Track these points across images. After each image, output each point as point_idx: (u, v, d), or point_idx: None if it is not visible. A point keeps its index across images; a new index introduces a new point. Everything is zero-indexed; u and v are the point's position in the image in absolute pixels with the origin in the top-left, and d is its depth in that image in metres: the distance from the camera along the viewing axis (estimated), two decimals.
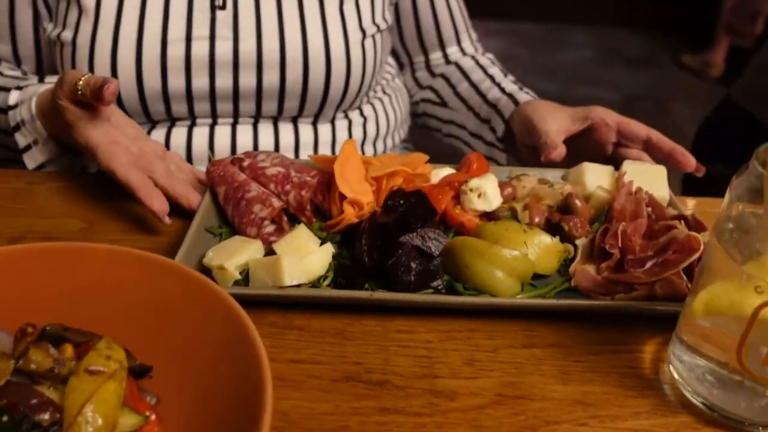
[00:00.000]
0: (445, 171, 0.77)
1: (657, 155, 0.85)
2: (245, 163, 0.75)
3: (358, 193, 0.71)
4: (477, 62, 1.09)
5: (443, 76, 1.10)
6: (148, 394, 0.48)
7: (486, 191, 0.71)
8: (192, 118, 0.91)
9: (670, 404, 0.55)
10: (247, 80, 0.88)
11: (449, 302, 0.62)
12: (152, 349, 0.50)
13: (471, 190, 0.72)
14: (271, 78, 0.88)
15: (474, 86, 1.05)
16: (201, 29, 0.85)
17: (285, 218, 0.71)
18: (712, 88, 3.50)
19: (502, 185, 0.74)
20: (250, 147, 0.92)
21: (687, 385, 0.55)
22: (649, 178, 0.76)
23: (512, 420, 0.53)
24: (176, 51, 0.85)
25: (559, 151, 0.83)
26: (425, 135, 1.20)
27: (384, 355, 0.59)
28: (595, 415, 0.54)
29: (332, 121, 0.96)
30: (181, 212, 0.74)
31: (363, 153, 1.00)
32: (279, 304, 0.63)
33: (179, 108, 0.88)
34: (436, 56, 1.11)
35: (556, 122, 0.87)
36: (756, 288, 0.45)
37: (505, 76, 1.06)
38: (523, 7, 4.28)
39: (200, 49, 0.85)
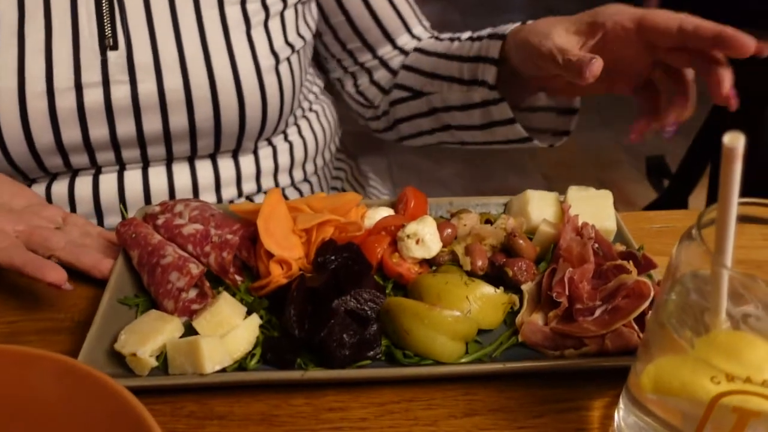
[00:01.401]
0: (381, 212, 0.72)
1: (700, 46, 0.65)
2: (159, 221, 0.68)
3: (286, 249, 0.65)
4: (437, 37, 0.96)
5: (405, 67, 0.96)
6: None
7: (424, 237, 0.66)
8: (96, 167, 0.82)
9: None
10: (152, 125, 0.79)
11: (389, 376, 0.57)
12: None
13: (408, 236, 0.67)
14: (177, 119, 0.80)
15: (445, 56, 0.89)
16: (92, 74, 0.76)
17: (207, 283, 0.64)
18: None
19: (441, 226, 0.69)
20: (165, 190, 0.84)
21: None
22: (595, 206, 0.72)
23: None
24: (66, 101, 0.76)
25: (597, 64, 0.64)
26: (360, 137, 1.10)
27: None
28: None
29: (255, 152, 0.89)
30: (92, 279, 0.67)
31: (292, 179, 0.93)
32: (199, 390, 0.57)
33: (79, 160, 0.80)
34: (386, 50, 0.98)
35: (561, 39, 0.69)
36: (712, 379, 0.41)
37: (470, 34, 0.90)
38: None
39: (94, 96, 0.77)
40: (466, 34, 0.91)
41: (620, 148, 2.79)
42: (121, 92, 0.77)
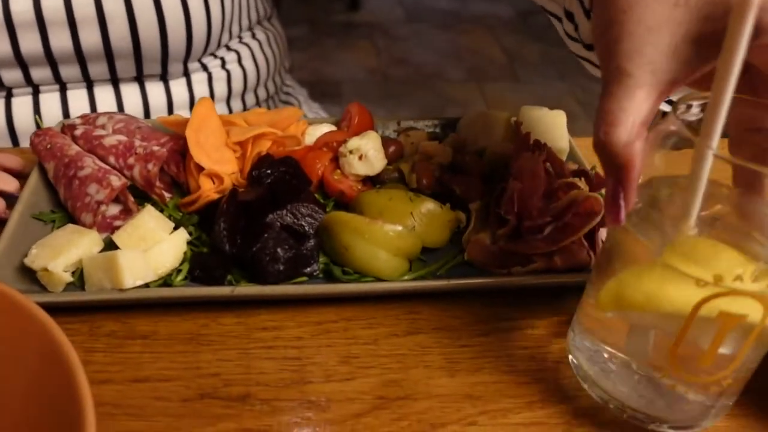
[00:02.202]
0: (323, 128, 0.68)
1: None
2: (78, 132, 0.62)
3: (218, 163, 0.60)
4: None
5: None
6: None
7: (367, 153, 0.62)
8: (6, 89, 0.75)
9: (566, 388, 0.50)
10: (60, 42, 0.72)
11: (325, 292, 0.54)
12: None
13: (350, 152, 0.62)
14: (89, 37, 0.72)
15: None
16: None
17: (131, 198, 0.59)
18: None
19: (386, 142, 0.65)
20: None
21: (586, 379, 0.49)
22: (547, 126, 0.69)
23: (393, 428, 0.46)
24: None
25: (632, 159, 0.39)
26: (302, 68, 1.04)
27: (246, 360, 0.50)
28: (485, 411, 0.48)
29: (186, 75, 0.82)
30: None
31: (230, 110, 0.87)
32: (120, 308, 0.53)
33: None
34: None
35: (649, 61, 0.39)
36: (697, 282, 0.38)
37: None
38: None
39: None
40: None
41: (575, 101, 2.78)
42: (21, 4, 0.69)
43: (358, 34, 3.32)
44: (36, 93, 0.77)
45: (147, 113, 0.81)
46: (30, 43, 0.71)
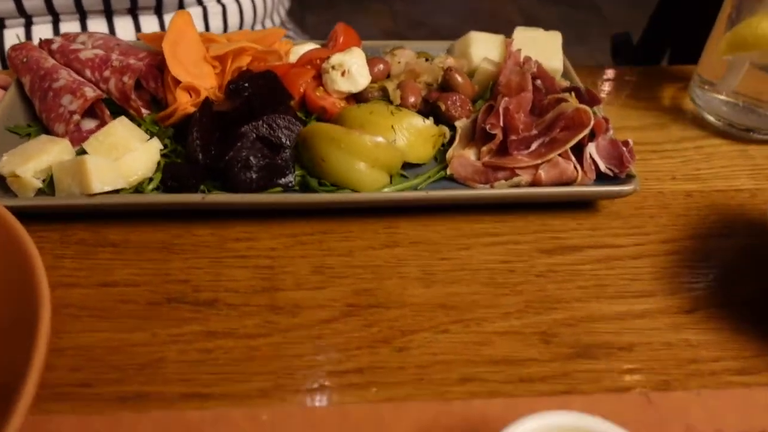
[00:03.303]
0: (308, 47, 0.65)
1: None
2: (55, 46, 0.61)
3: (196, 77, 0.59)
4: None
5: None
6: None
7: (351, 68, 0.60)
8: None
9: (544, 303, 0.48)
10: None
11: (294, 202, 0.52)
12: None
13: (333, 67, 0.60)
14: None
15: None
16: None
17: (107, 111, 0.58)
18: None
19: (372, 61, 0.63)
20: None
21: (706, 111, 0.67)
22: (542, 47, 0.66)
23: (363, 333, 0.45)
24: None
25: None
26: (321, 26, 1.02)
27: (217, 269, 0.49)
28: (459, 320, 0.47)
29: (181, 8, 0.80)
30: None
31: None
32: (91, 217, 0.52)
33: None
34: None
35: None
36: None
37: None
38: None
39: None
40: None
41: (595, 64, 2.71)
42: None
43: None
44: (29, 24, 0.75)
45: None
46: None
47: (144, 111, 0.59)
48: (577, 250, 0.53)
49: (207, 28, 0.84)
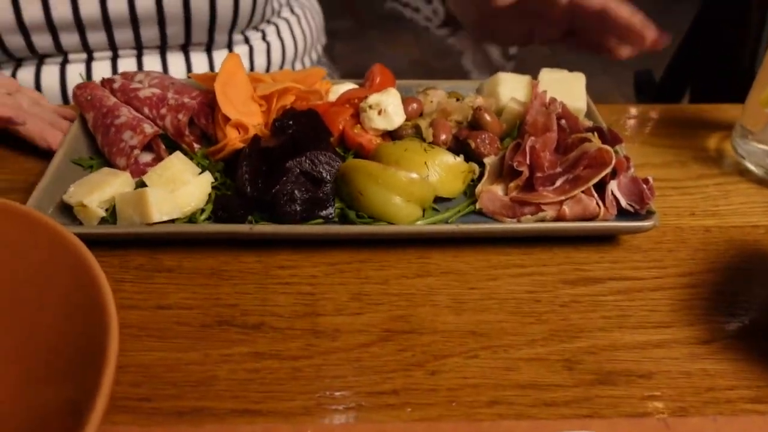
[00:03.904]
0: (346, 87, 0.70)
1: (614, 31, 0.68)
2: (116, 85, 0.67)
3: (244, 115, 0.63)
4: None
5: None
6: None
7: (387, 108, 0.65)
8: (62, 54, 0.80)
9: (568, 332, 0.52)
10: (117, 5, 0.76)
11: (335, 233, 0.56)
12: None
13: (370, 107, 0.65)
14: (144, 2, 0.77)
15: None
16: None
17: (162, 146, 0.63)
18: None
19: (406, 100, 0.67)
20: None
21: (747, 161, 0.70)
22: (567, 88, 0.70)
23: (398, 357, 0.49)
24: None
25: None
26: (348, 56, 1.08)
27: (263, 294, 0.54)
28: (488, 346, 0.50)
29: (229, 47, 0.86)
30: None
31: None
32: (148, 244, 0.57)
33: (41, 41, 0.77)
34: None
35: None
36: None
37: None
38: None
39: None
40: None
41: (620, 95, 2.74)
42: None
43: (402, 25, 3.34)
44: (89, 60, 0.81)
45: None
46: (89, 7, 0.76)
47: (195, 146, 0.64)
48: (599, 282, 0.56)
49: (252, 64, 0.90)
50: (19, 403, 0.40)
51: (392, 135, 0.66)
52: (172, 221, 0.56)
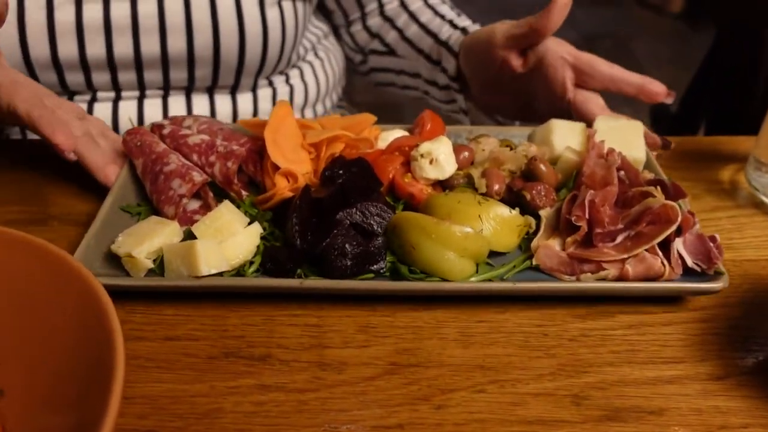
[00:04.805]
0: (396, 134, 0.69)
1: (625, 92, 0.74)
2: (166, 131, 0.66)
3: (293, 163, 0.62)
4: (426, 2, 0.95)
5: (388, 19, 0.96)
6: None
7: (438, 157, 0.63)
8: (92, 92, 0.81)
9: (576, 366, 0.51)
10: (150, 47, 0.78)
11: (389, 289, 0.54)
12: None
13: (422, 155, 0.63)
14: (176, 43, 0.78)
15: (423, 27, 0.92)
16: None
17: (210, 194, 0.62)
18: (673, 24, 3.42)
19: (458, 149, 0.66)
20: None
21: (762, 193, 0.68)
22: (623, 137, 0.68)
23: (404, 391, 0.49)
24: (65, 14, 0.74)
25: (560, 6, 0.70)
26: (366, 90, 1.08)
27: (269, 326, 0.53)
28: (495, 380, 0.50)
29: (253, 90, 0.87)
30: (99, 190, 0.65)
31: None
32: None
33: (74, 78, 0.78)
34: (372, 7, 0.96)
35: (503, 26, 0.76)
36: None
37: (458, 15, 0.93)
38: None
39: (93, 12, 0.75)
40: (449, 11, 0.92)
41: (622, 100, 2.70)
42: (120, 9, 0.76)
43: None
44: (117, 99, 0.82)
45: None
46: (123, 47, 0.77)
47: (243, 193, 0.63)
48: (609, 316, 0.55)
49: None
50: (26, 429, 0.41)
51: (443, 184, 0.65)
52: (220, 273, 0.55)
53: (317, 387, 0.48)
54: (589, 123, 0.71)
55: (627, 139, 0.68)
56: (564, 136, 0.68)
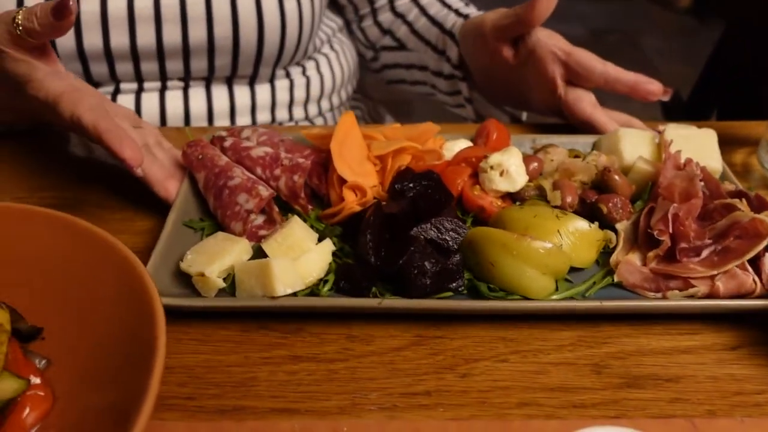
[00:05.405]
0: (460, 144, 0.67)
1: (619, 91, 0.73)
2: (227, 143, 0.64)
3: (360, 176, 0.61)
4: None
5: (399, 15, 0.96)
6: (37, 356, 0.45)
7: (509, 168, 0.61)
8: (115, 83, 0.81)
9: (596, 337, 0.52)
10: (172, 36, 0.78)
11: (476, 308, 0.52)
12: (45, 309, 0.46)
13: (492, 167, 0.61)
14: (197, 33, 0.78)
15: (431, 18, 0.91)
16: None
17: (276, 208, 0.60)
18: (681, 19, 3.38)
19: (526, 159, 0.64)
20: (180, 115, 0.83)
21: None
22: (697, 146, 0.66)
23: (430, 360, 0.50)
24: (90, 5, 0.75)
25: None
26: (376, 87, 1.09)
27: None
28: (517, 351, 0.51)
29: (271, 81, 0.87)
30: (157, 204, 0.64)
31: (306, 112, 0.91)
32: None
33: (98, 69, 0.79)
34: (382, 2, 0.96)
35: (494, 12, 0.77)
36: None
37: (466, 4, 0.92)
38: None
39: (117, 2, 0.76)
40: (458, 1, 0.91)
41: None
42: (144, 0, 0.76)
43: None
44: (139, 91, 0.82)
45: (233, 112, 0.86)
46: (145, 38, 0.77)
47: (308, 207, 0.61)
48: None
49: (292, 98, 0.90)
50: (74, 402, 0.42)
51: (514, 197, 0.63)
52: (294, 293, 0.53)
53: (346, 357, 0.50)
54: (581, 122, 0.72)
55: (701, 148, 0.65)
56: (634, 145, 0.66)
